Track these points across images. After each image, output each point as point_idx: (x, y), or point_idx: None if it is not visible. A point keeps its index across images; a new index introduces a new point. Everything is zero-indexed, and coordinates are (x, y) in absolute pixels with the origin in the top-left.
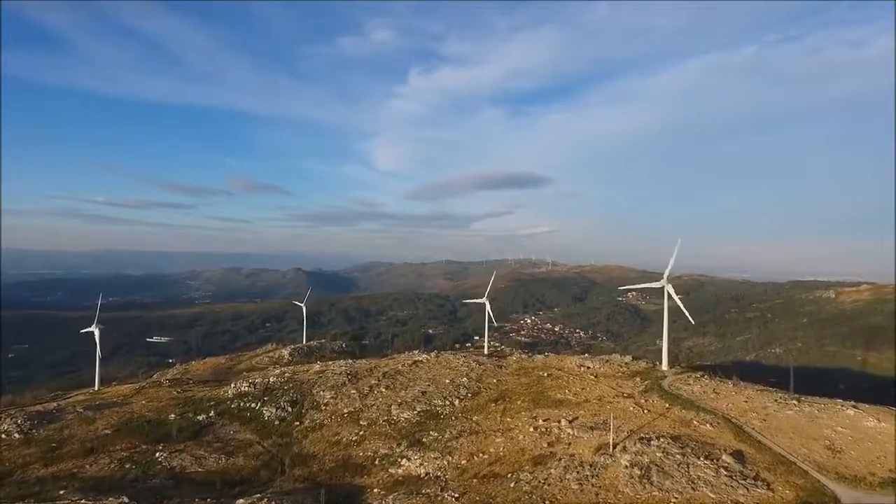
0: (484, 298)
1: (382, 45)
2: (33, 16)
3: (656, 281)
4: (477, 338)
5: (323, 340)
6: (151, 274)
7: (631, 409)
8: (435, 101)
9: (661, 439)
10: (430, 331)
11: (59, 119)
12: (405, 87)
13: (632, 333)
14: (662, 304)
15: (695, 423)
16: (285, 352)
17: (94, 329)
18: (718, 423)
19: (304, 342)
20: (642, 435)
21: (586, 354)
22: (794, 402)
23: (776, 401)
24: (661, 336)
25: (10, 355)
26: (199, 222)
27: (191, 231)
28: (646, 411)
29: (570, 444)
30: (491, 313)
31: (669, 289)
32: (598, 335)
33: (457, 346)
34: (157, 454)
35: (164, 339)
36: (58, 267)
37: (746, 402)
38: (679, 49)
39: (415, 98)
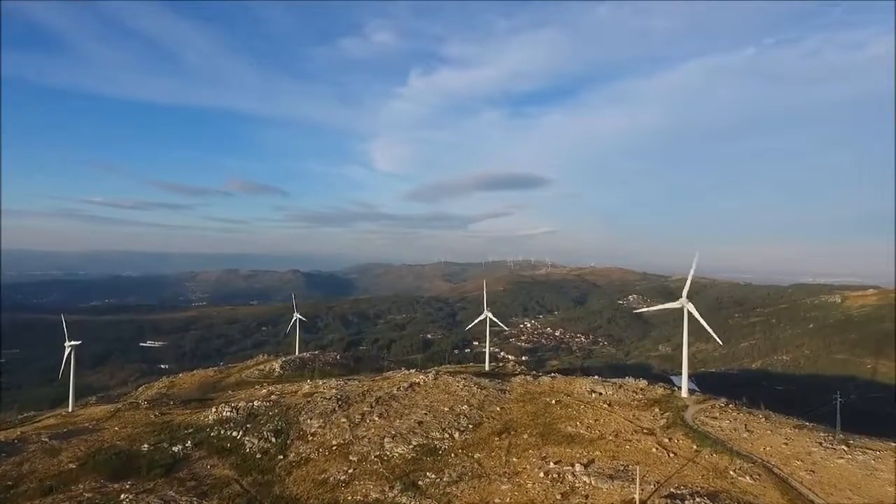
0: (485, 311)
1: (383, 46)
2: (33, 16)
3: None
4: (476, 343)
5: (317, 352)
6: (149, 275)
7: (654, 450)
8: (435, 102)
9: (697, 498)
10: (429, 335)
11: (57, 119)
12: (405, 88)
13: (633, 338)
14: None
15: (731, 473)
16: (276, 364)
17: (67, 346)
18: (759, 475)
19: (297, 353)
20: (672, 490)
21: (596, 376)
22: (844, 446)
23: (820, 443)
24: (664, 341)
25: (1, 360)
26: (198, 223)
27: (189, 232)
28: (671, 454)
29: (587, 496)
30: (491, 320)
31: (690, 307)
32: (600, 340)
33: (455, 351)
34: (123, 495)
35: (157, 344)
36: (56, 268)
37: (786, 444)
38: (678, 50)
39: (415, 99)
